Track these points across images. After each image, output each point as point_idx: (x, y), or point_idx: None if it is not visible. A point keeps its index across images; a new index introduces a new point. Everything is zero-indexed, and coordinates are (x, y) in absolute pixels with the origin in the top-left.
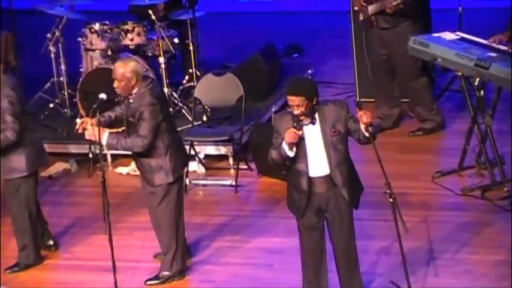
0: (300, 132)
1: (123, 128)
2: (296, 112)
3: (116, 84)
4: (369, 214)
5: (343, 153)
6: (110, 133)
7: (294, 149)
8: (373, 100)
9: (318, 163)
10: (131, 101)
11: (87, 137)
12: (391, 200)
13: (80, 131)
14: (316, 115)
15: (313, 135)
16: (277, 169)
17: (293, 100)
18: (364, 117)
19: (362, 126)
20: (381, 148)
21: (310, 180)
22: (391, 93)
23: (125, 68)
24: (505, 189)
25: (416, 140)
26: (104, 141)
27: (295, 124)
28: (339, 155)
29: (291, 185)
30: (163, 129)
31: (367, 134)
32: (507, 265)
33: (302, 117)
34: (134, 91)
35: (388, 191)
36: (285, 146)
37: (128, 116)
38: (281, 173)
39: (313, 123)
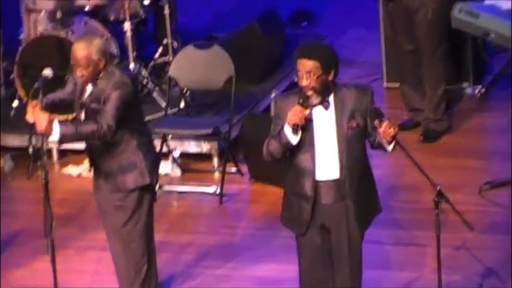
0: (307, 112)
1: (73, 115)
2: (304, 83)
3: (79, 72)
4: (389, 236)
5: (359, 153)
6: (61, 121)
7: (300, 133)
8: None
9: (326, 162)
10: (97, 82)
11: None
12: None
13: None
14: (332, 99)
15: (324, 124)
16: (275, 169)
17: (304, 65)
18: (390, 131)
19: (383, 140)
20: (411, 150)
21: (316, 183)
22: (420, 79)
23: (89, 49)
24: None
25: (459, 140)
26: (55, 133)
27: (301, 100)
28: (353, 154)
29: (289, 191)
30: (134, 118)
31: (390, 148)
32: None
33: (310, 92)
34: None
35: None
36: (287, 130)
37: (89, 103)
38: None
39: (325, 107)
